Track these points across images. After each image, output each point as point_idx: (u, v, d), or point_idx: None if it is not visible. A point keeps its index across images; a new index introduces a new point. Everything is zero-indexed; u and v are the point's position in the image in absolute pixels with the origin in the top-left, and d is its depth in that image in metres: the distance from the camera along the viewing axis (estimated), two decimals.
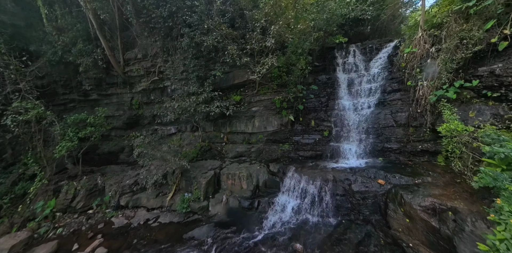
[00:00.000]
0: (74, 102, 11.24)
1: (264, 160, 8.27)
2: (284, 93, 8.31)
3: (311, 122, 8.70)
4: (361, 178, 6.13)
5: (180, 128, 10.02)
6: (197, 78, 8.18)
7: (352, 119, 7.99)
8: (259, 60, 7.19)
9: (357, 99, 8.40)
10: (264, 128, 8.77)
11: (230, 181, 7.21)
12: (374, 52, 9.50)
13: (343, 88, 9.08)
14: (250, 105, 8.80)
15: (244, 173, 7.09)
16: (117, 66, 9.45)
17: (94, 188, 8.43)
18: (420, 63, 6.80)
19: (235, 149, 8.91)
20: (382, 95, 7.68)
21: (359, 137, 7.65)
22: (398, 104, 7.35)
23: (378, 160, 7.00)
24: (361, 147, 7.36)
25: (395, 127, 7.14)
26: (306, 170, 7.00)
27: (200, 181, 6.92)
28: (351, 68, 9.65)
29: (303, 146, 8.39)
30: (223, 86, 8.31)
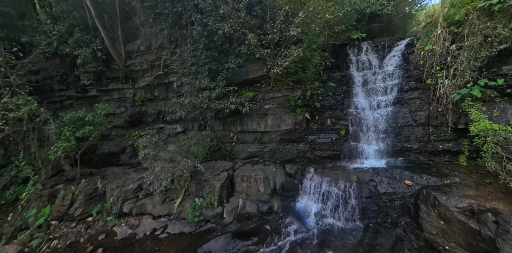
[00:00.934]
0: (72, 99, 10.48)
1: (278, 160, 7.96)
2: (299, 90, 8.02)
3: (327, 121, 8.47)
4: (387, 179, 5.99)
5: (186, 126, 9.53)
6: (209, 72, 7.69)
7: (370, 118, 7.82)
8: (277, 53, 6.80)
9: (373, 98, 8.25)
10: (278, 126, 8.46)
11: (245, 183, 6.85)
12: (387, 50, 9.38)
13: (358, 86, 8.94)
14: (263, 102, 8.47)
15: (261, 175, 6.75)
16: (118, 59, 8.82)
17: (94, 193, 7.82)
18: (440, 61, 6.70)
19: (247, 149, 8.55)
20: (399, 93, 7.47)
21: (377, 136, 7.51)
22: (417, 103, 7.19)
23: (398, 160, 6.88)
24: (380, 146, 7.20)
25: (414, 126, 6.97)
26: (327, 171, 6.76)
27: (214, 184, 6.49)
28: (365, 66, 9.55)
29: (319, 145, 8.16)
30: (235, 81, 7.90)
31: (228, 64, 7.35)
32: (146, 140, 6.71)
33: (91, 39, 8.70)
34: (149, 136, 6.94)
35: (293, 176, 7.09)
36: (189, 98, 7.24)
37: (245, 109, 6.99)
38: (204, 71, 7.68)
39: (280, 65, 6.50)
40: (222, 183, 6.53)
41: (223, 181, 6.60)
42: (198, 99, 7.14)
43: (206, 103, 6.97)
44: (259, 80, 7.92)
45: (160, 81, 9.02)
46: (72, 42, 8.82)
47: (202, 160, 8.36)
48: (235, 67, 7.29)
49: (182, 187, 7.13)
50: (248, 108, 7.23)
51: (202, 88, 7.39)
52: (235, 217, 6.10)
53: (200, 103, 7.06)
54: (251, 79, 7.93)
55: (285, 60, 6.39)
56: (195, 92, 7.40)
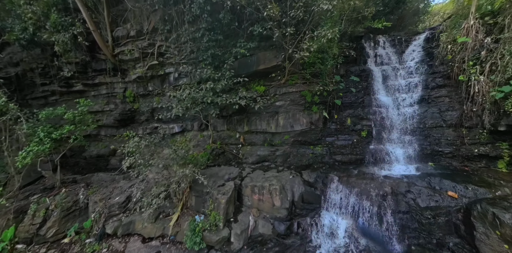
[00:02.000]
0: (56, 94, 8.81)
1: (293, 166, 6.55)
2: (316, 85, 6.58)
3: (347, 120, 7.08)
4: (426, 190, 4.86)
5: (185, 126, 8.02)
6: (212, 59, 6.14)
7: (394, 117, 6.62)
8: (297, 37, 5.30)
9: (396, 95, 7.04)
10: (291, 126, 7.03)
11: (256, 196, 5.42)
12: (404, 45, 8.07)
13: (378, 82, 7.62)
14: (274, 98, 6.99)
15: (276, 185, 5.33)
16: (104, 47, 7.22)
17: (74, 207, 6.29)
18: (473, 56, 5.58)
19: (256, 152, 7.11)
20: (424, 91, 6.43)
21: (403, 138, 6.37)
22: (446, 102, 6.11)
23: (428, 165, 5.88)
24: (408, 150, 6.11)
25: (444, 128, 5.92)
26: (353, 180, 5.43)
27: (218, 198, 5.05)
28: (383, 60, 8.24)
29: (339, 148, 6.79)
30: (243, 73, 6.42)
31: (236, 49, 5.75)
32: (133, 144, 5.17)
33: (71, 22, 7.03)
34: (137, 139, 5.40)
35: (313, 185, 5.69)
36: (188, 91, 5.67)
37: (258, 105, 5.47)
38: (207, 58, 6.13)
39: (307, 49, 4.98)
40: (228, 197, 5.09)
41: (229, 195, 5.16)
42: (199, 92, 5.58)
43: (210, 98, 5.41)
44: (271, 72, 6.45)
45: (154, 73, 7.45)
46: (49, 27, 7.12)
47: (203, 166, 6.87)
48: (246, 53, 5.70)
49: (179, 200, 5.65)
50: (262, 104, 5.65)
51: (204, 79, 5.81)
52: (246, 242, 4.72)
53: (202, 97, 5.50)
54: (262, 71, 6.45)
55: (314, 43, 4.88)
56: (196, 84, 5.78)
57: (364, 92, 7.40)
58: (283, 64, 6.03)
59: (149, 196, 4.88)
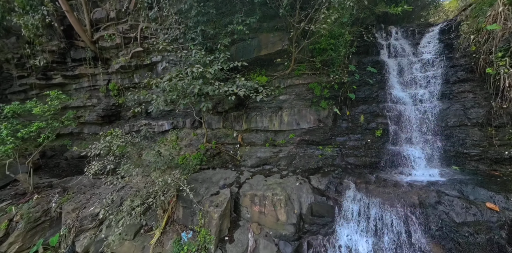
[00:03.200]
0: (36, 88, 7.54)
1: (299, 169, 5.40)
2: (326, 77, 5.38)
3: (360, 117, 5.91)
4: (459, 201, 3.91)
5: (176, 123, 6.83)
6: (203, 38, 4.88)
7: (412, 115, 5.59)
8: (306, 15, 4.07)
9: (413, 90, 5.99)
10: (297, 124, 5.86)
11: (257, 207, 4.28)
12: (417, 36, 7.02)
13: (393, 75, 6.45)
14: (279, 90, 5.80)
15: (281, 196, 4.20)
16: (82, 32, 5.97)
17: (43, 217, 5.14)
18: (502, 46, 4.69)
19: (256, 154, 5.94)
20: (445, 86, 5.55)
21: (423, 138, 5.38)
22: (469, 98, 5.26)
23: (452, 169, 5.08)
24: (429, 152, 5.26)
25: (469, 126, 5.11)
26: (373, 187, 4.34)
27: (209, 211, 3.91)
28: (397, 52, 7.10)
29: (351, 149, 5.66)
30: (242, 60, 5.16)
31: (232, 26, 4.47)
32: (103, 145, 3.97)
33: (40, 1, 5.73)
34: (108, 138, 4.18)
35: (324, 193, 4.56)
36: (169, 77, 4.40)
37: (260, 97, 4.21)
38: (196, 37, 4.85)
39: (324, 19, 3.74)
40: (222, 210, 3.94)
41: (223, 207, 4.01)
42: (184, 78, 4.31)
43: (198, 86, 4.15)
44: (274, 60, 5.20)
45: (139, 62, 6.21)
46: (18, 7, 5.81)
47: (193, 170, 5.70)
48: (244, 30, 4.40)
49: (164, 211, 4.48)
50: (265, 96, 4.38)
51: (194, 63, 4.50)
52: None
53: (188, 85, 4.23)
54: (264, 58, 5.24)
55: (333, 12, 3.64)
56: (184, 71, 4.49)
57: (379, 86, 6.23)
58: (289, 49, 4.81)
59: (119, 212, 3.70)
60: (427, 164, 5.20)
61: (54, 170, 7.25)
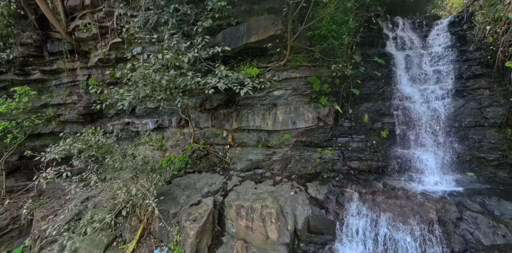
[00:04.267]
0: (15, 85, 6.77)
1: (295, 175, 4.55)
2: (327, 69, 4.47)
3: (364, 116, 5.02)
4: (484, 218, 3.16)
5: (161, 121, 6.02)
6: (178, 20, 3.96)
7: (422, 114, 4.80)
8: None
9: (422, 86, 5.16)
10: (293, 123, 5.00)
11: (243, 221, 3.47)
12: (425, 29, 6.17)
13: (401, 69, 5.49)
14: (272, 86, 4.91)
15: (272, 208, 3.38)
16: (56, 21, 5.16)
17: (11, 225, 4.41)
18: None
19: (247, 156, 5.11)
20: (458, 82, 4.79)
21: (435, 140, 4.62)
22: (486, 95, 4.51)
23: (468, 175, 4.31)
24: (441, 156, 4.49)
25: (485, 127, 4.40)
26: (381, 199, 3.52)
27: (186, 227, 3.15)
28: (405, 44, 6.09)
29: (354, 152, 4.80)
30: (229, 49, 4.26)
31: (211, 2, 3.46)
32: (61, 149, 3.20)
33: None
34: (69, 140, 3.41)
35: (323, 205, 3.72)
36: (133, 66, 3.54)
37: (244, 90, 3.28)
38: (169, 19, 3.94)
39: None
40: (200, 226, 3.17)
41: (202, 222, 3.21)
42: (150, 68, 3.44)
43: (165, 77, 3.27)
44: (267, 48, 4.28)
45: (119, 54, 5.40)
46: None
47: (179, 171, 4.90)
48: (226, 5, 3.40)
49: (141, 221, 3.71)
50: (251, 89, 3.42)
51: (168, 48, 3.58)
52: None
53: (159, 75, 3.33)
54: (255, 46, 4.34)
55: None
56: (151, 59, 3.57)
57: (385, 81, 5.29)
58: (284, 35, 3.90)
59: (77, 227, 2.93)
60: (439, 170, 4.41)
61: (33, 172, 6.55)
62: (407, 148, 4.78)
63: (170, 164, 5.48)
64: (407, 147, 4.79)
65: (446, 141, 4.65)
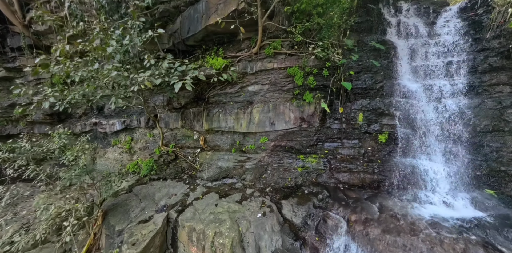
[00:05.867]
0: None
1: (270, 188, 3.49)
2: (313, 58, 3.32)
3: (358, 116, 3.85)
4: None
5: (129, 121, 5.13)
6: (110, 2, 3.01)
7: (429, 114, 3.66)
8: None
9: (429, 81, 3.98)
10: (271, 124, 3.92)
11: (194, 248, 2.55)
12: (432, 15, 4.98)
13: (403, 60, 4.29)
14: (245, 80, 3.83)
15: (226, 238, 2.46)
16: (9, 13, 4.40)
17: None
18: None
19: (217, 162, 4.10)
20: (472, 76, 3.66)
21: (444, 148, 3.51)
22: (506, 92, 3.45)
23: (486, 193, 3.19)
24: (454, 168, 3.36)
25: (506, 133, 3.35)
26: (375, 231, 2.46)
27: (122, 251, 2.17)
28: (409, 32, 4.80)
29: (344, 161, 3.69)
30: (189, 35, 3.25)
31: None
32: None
33: None
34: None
35: (299, 233, 2.66)
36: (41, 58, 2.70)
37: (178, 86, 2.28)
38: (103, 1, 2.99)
39: None
40: (141, 250, 2.18)
41: (141, 248, 2.40)
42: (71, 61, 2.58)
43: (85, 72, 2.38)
44: (234, 34, 3.18)
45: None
46: None
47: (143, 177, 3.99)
48: None
49: (88, 234, 2.89)
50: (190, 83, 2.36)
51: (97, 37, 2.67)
52: None
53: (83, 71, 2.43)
54: (218, 30, 3.26)
55: None
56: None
57: (384, 74, 4.05)
58: (253, 11, 2.78)
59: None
60: (451, 185, 3.14)
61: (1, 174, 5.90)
62: (411, 156, 3.58)
63: (137, 168, 4.61)
64: (411, 155, 3.60)
65: (458, 149, 3.43)
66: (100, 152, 5.28)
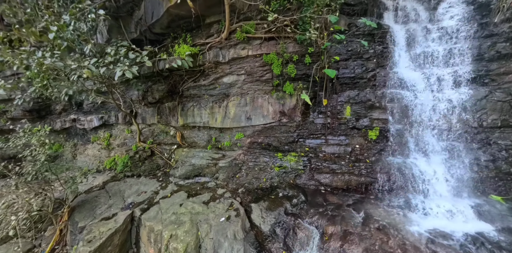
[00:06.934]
0: None
1: (243, 189, 3.14)
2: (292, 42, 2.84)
3: (345, 110, 3.37)
4: None
5: (107, 117, 4.88)
6: None
7: (428, 107, 3.16)
8: None
9: (429, 70, 3.41)
10: (247, 118, 3.54)
11: (151, 250, 2.26)
12: (434, 1, 4.32)
13: (401, 47, 3.70)
14: (219, 70, 3.42)
15: (180, 243, 2.20)
16: None
17: None
18: None
19: (191, 159, 3.79)
20: (477, 64, 3.11)
21: (444, 146, 3.01)
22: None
23: (492, 200, 2.62)
24: (453, 169, 2.86)
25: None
26: (355, 249, 2.05)
27: (78, 249, 2.17)
28: (408, 17, 4.25)
29: (328, 160, 3.28)
30: (155, 23, 2.86)
31: None
32: None
33: None
34: None
35: (264, 244, 2.31)
36: None
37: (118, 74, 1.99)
38: None
39: None
40: (92, 250, 2.15)
41: (96, 246, 2.22)
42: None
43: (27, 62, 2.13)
44: (201, 16, 2.74)
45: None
46: None
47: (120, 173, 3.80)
48: None
49: (57, 228, 2.79)
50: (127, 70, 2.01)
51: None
52: None
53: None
54: (182, 13, 2.78)
55: None
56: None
57: (378, 62, 3.49)
58: None
59: None
60: (451, 190, 2.65)
61: None
62: (405, 156, 3.10)
63: (114, 165, 4.41)
64: (405, 154, 3.11)
65: (461, 148, 2.89)
66: (80, 149, 5.13)
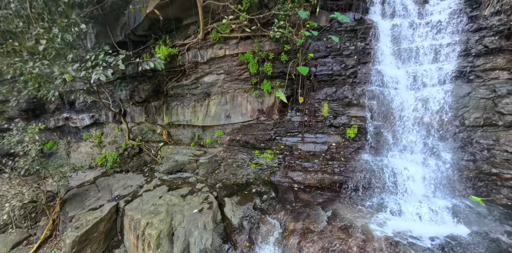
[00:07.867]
0: None
1: (221, 184, 3.26)
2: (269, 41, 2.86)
3: (323, 107, 3.41)
4: None
5: (98, 116, 5.02)
6: None
7: (409, 105, 3.10)
8: None
9: (412, 66, 3.34)
10: (226, 116, 3.60)
11: (132, 236, 2.47)
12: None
13: (384, 43, 3.60)
14: (199, 70, 3.47)
15: (154, 229, 2.39)
16: None
17: None
18: None
19: (174, 156, 3.91)
20: (463, 60, 3.00)
21: (424, 144, 2.98)
22: (502, 79, 2.80)
23: (472, 201, 2.60)
24: (432, 169, 2.81)
25: (500, 127, 2.75)
26: (312, 246, 2.21)
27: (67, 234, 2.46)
28: (396, 11, 4.03)
29: (302, 158, 3.33)
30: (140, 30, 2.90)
31: None
32: None
33: None
34: None
35: (231, 236, 2.40)
36: None
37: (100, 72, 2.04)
38: None
39: None
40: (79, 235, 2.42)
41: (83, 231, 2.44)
42: None
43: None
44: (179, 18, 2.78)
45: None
46: None
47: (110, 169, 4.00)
48: None
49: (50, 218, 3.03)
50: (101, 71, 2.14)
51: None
52: None
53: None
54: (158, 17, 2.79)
55: None
56: None
57: (358, 59, 3.45)
58: None
59: None
60: (428, 191, 2.63)
61: None
62: (382, 154, 3.08)
63: (105, 161, 4.60)
64: (383, 153, 3.09)
65: (440, 147, 2.85)
66: (74, 146, 5.33)
